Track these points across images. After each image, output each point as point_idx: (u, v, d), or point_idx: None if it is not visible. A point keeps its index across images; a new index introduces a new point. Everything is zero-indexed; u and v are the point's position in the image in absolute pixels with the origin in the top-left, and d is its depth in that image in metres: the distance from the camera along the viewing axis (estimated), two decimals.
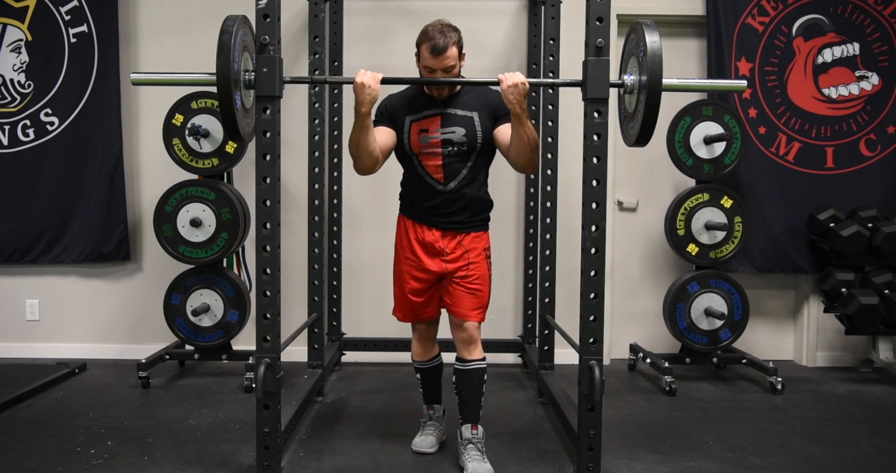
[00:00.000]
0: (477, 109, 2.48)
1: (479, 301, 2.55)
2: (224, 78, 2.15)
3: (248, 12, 2.32)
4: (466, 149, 2.47)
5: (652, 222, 4.05)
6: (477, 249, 2.54)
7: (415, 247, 2.54)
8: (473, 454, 2.46)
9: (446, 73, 2.40)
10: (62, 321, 4.04)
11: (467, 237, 2.53)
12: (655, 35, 2.20)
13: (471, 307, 2.52)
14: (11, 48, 3.88)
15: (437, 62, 2.37)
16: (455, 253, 2.52)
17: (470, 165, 2.50)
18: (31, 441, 2.70)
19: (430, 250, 2.53)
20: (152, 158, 3.96)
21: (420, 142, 2.47)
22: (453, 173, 2.48)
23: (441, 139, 2.46)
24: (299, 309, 3.76)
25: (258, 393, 2.31)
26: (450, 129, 2.46)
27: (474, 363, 2.54)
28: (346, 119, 3.79)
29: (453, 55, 2.37)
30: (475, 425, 2.53)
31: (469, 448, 2.49)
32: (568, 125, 3.71)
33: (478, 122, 2.48)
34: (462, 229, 2.53)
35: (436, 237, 2.52)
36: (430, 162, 2.48)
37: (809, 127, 3.89)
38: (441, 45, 2.34)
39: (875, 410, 3.24)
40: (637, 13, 3.82)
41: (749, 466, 2.54)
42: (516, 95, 2.30)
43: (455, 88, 2.50)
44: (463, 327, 2.53)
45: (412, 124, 2.49)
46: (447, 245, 2.52)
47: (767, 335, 4.13)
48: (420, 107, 2.50)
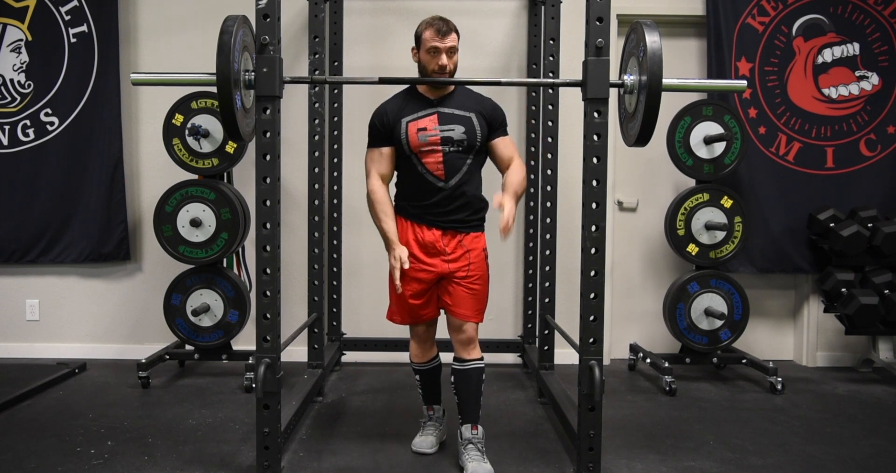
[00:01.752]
0: (474, 111, 2.53)
1: (479, 303, 2.56)
2: (224, 78, 2.15)
3: (248, 12, 2.32)
4: (466, 146, 2.50)
5: (652, 222, 4.05)
6: (477, 249, 2.55)
7: (413, 248, 2.54)
8: (473, 454, 2.46)
9: (450, 56, 2.46)
10: (62, 321, 4.04)
11: (467, 237, 2.54)
12: (655, 35, 2.21)
13: (472, 308, 2.53)
14: (11, 48, 3.88)
15: (443, 42, 2.44)
16: (456, 253, 2.52)
17: (469, 162, 2.52)
18: (31, 441, 2.70)
19: (431, 250, 2.53)
20: (152, 158, 3.96)
21: (419, 140, 2.49)
22: (454, 170, 2.50)
23: (441, 137, 2.48)
24: (299, 309, 3.76)
25: (258, 393, 2.31)
26: (448, 127, 2.49)
27: (473, 362, 2.54)
28: (346, 119, 3.79)
29: (455, 39, 2.48)
30: (475, 425, 2.53)
31: (469, 448, 2.49)
32: (568, 125, 3.72)
33: (476, 122, 2.51)
34: (462, 229, 2.54)
35: (436, 237, 2.52)
36: (430, 159, 2.49)
37: (809, 127, 3.89)
38: (445, 28, 2.45)
39: (875, 410, 3.24)
40: (637, 13, 3.82)
41: (749, 466, 2.54)
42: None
43: (448, 88, 2.55)
44: (463, 328, 2.53)
45: (409, 124, 2.50)
46: (448, 245, 2.52)
47: (767, 335, 4.13)
48: (415, 108, 2.53)
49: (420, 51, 2.51)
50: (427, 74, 2.51)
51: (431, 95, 2.54)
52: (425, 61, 2.50)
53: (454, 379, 2.56)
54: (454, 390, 2.57)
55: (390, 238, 2.51)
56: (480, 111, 2.54)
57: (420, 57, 2.52)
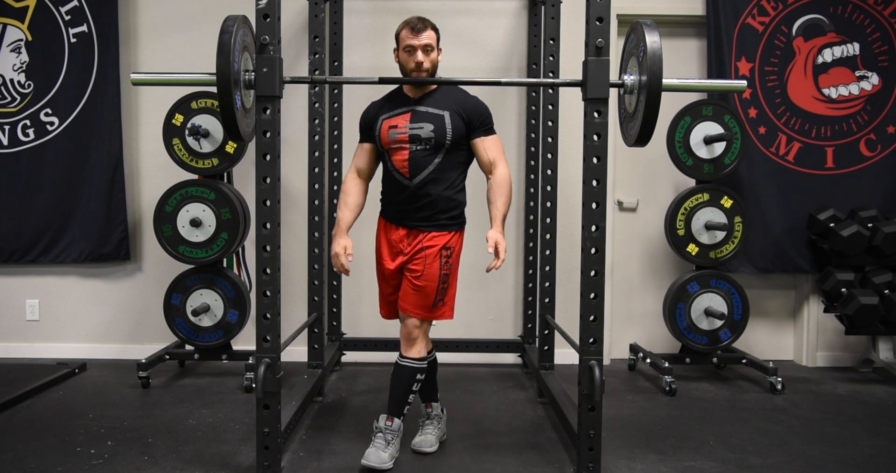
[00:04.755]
0: (448, 109, 2.51)
1: (422, 299, 2.51)
2: (224, 78, 2.15)
3: (248, 12, 2.32)
4: (434, 145, 2.49)
5: (652, 222, 4.05)
6: (434, 248, 2.51)
7: (382, 246, 2.61)
8: (377, 442, 2.48)
9: (426, 54, 2.48)
10: (62, 321, 4.04)
11: (427, 236, 2.53)
12: (655, 35, 2.21)
13: (414, 303, 2.52)
14: (11, 48, 3.88)
15: (418, 39, 2.47)
16: (411, 251, 2.54)
17: (437, 161, 2.50)
18: (31, 441, 2.70)
19: (394, 250, 2.58)
20: (152, 158, 3.96)
21: (388, 137, 2.52)
22: (418, 168, 2.50)
23: (409, 134, 2.50)
24: (299, 309, 3.76)
25: (258, 393, 2.31)
26: (418, 125, 2.50)
27: (408, 360, 2.54)
28: (346, 119, 3.79)
29: (431, 36, 2.50)
30: (390, 417, 2.53)
31: (377, 436, 2.50)
32: (568, 125, 3.72)
33: (448, 120, 2.50)
34: (424, 228, 2.53)
35: (401, 236, 2.56)
36: (398, 156, 2.52)
37: (809, 127, 3.89)
38: (420, 25, 2.48)
39: (875, 410, 3.24)
40: (637, 13, 3.82)
41: (749, 466, 2.54)
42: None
43: (429, 87, 2.56)
44: (405, 322, 2.56)
45: (384, 121, 2.54)
46: (408, 244, 2.55)
47: (767, 335, 4.13)
48: (394, 106, 2.57)
49: (399, 50, 2.54)
50: (406, 74, 2.54)
51: (412, 94, 2.57)
52: (403, 60, 2.53)
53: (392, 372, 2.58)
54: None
55: (340, 227, 2.60)
56: (458, 110, 2.51)
57: (399, 56, 2.55)
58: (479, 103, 2.57)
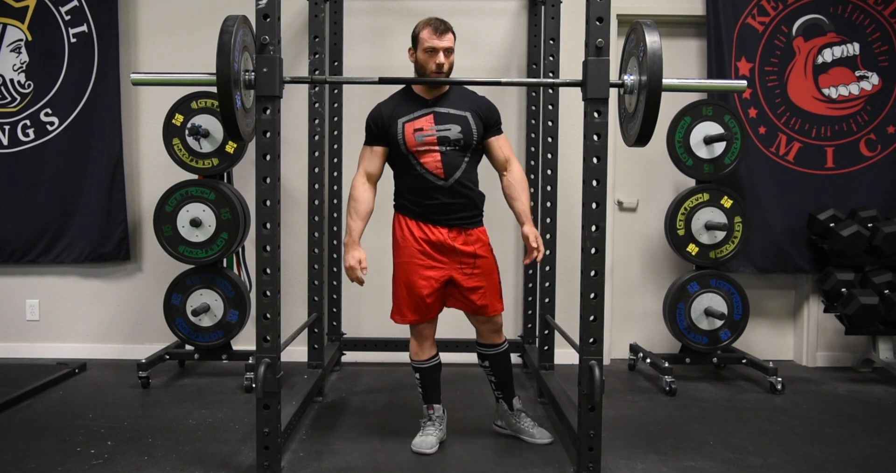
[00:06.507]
0: (468, 110, 2.57)
1: (497, 292, 2.66)
2: (224, 78, 2.15)
3: (248, 12, 2.32)
4: (463, 145, 2.54)
5: (652, 222, 4.05)
6: (486, 242, 2.64)
7: (424, 247, 2.58)
8: (530, 422, 2.75)
9: (447, 56, 2.50)
10: (62, 321, 4.04)
11: (474, 232, 2.61)
12: (655, 35, 2.21)
13: (493, 297, 2.64)
14: (11, 48, 3.88)
15: (441, 42, 2.48)
16: (466, 249, 2.58)
17: (467, 160, 2.57)
18: (31, 441, 2.70)
19: (441, 248, 2.57)
20: (152, 158, 3.96)
21: (416, 141, 2.52)
22: (453, 168, 2.54)
23: (437, 137, 2.52)
24: (299, 309, 3.76)
25: (258, 393, 2.31)
26: (444, 126, 2.53)
27: (503, 346, 2.73)
28: (346, 119, 3.79)
29: (452, 39, 2.52)
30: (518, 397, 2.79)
31: (522, 416, 2.75)
32: (568, 125, 3.72)
33: (472, 121, 2.56)
34: (466, 225, 2.59)
35: (444, 235, 2.57)
36: (428, 158, 2.53)
37: (809, 127, 3.89)
38: (442, 27, 2.49)
39: (875, 410, 3.24)
40: (637, 13, 3.82)
41: (749, 466, 2.54)
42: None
43: (443, 88, 2.59)
44: (492, 320, 2.66)
45: (405, 125, 2.54)
46: (457, 241, 2.57)
47: (767, 335, 4.13)
48: (411, 108, 2.57)
49: (417, 51, 2.54)
50: (424, 74, 2.54)
51: (427, 95, 2.57)
52: (423, 61, 2.53)
53: (489, 363, 2.73)
54: (491, 372, 2.75)
55: (353, 238, 2.57)
56: (476, 110, 2.58)
57: (417, 57, 2.55)
58: (491, 103, 2.65)
